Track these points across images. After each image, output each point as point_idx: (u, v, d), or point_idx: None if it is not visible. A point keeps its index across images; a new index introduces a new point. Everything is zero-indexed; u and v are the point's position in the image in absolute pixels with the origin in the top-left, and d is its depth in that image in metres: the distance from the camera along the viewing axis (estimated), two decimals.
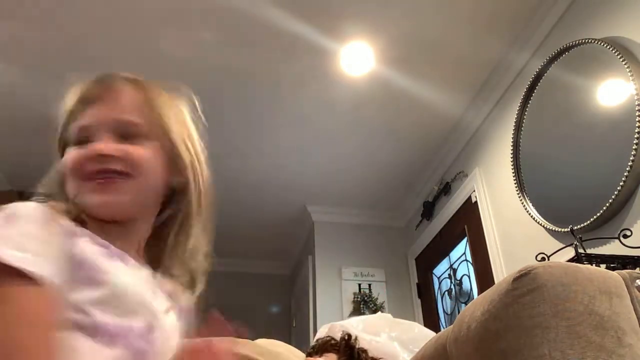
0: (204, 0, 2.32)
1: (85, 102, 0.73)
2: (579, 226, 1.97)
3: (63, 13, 2.35)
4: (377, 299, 3.60)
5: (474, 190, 2.94)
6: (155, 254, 0.76)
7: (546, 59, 2.28)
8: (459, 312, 2.79)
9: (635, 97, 1.79)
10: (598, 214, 1.89)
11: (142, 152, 0.71)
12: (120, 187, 0.69)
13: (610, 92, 2.01)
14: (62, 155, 0.74)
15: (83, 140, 0.71)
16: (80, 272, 0.59)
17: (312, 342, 1.30)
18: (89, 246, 0.62)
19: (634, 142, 1.76)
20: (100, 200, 0.68)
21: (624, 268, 1.50)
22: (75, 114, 0.74)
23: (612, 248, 1.82)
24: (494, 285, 0.72)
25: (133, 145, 0.70)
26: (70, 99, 0.76)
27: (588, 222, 1.93)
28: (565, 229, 2.02)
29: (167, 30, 2.46)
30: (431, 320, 3.39)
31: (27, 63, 2.61)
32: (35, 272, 0.53)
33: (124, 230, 0.71)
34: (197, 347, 0.66)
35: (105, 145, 0.69)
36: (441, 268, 3.46)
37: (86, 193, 0.68)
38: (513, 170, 2.45)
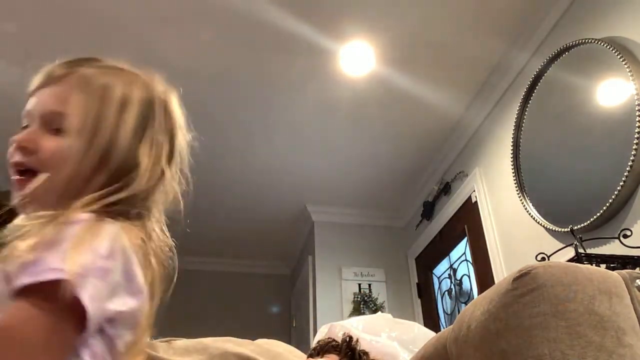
0: (202, 1, 2.32)
1: (32, 88, 0.74)
2: (579, 226, 1.97)
3: (62, 13, 2.35)
4: (377, 299, 3.60)
5: (474, 190, 2.94)
6: None
7: (546, 59, 2.28)
8: (459, 312, 2.79)
9: (635, 97, 1.79)
10: (598, 214, 1.89)
11: (55, 144, 0.67)
12: (30, 185, 0.65)
13: (610, 92, 2.01)
14: None
15: (25, 128, 0.70)
16: None
17: (312, 342, 1.30)
18: None
19: (634, 142, 1.76)
20: (18, 198, 0.66)
21: (624, 268, 1.50)
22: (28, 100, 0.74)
23: (612, 248, 1.82)
24: (494, 285, 0.72)
25: (52, 137, 0.67)
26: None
27: (588, 222, 1.93)
28: (565, 229, 2.02)
29: (166, 30, 2.46)
30: (431, 320, 3.39)
31: (26, 63, 2.60)
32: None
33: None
34: None
35: (20, 136, 0.68)
36: (441, 268, 3.46)
37: (14, 189, 0.67)
38: (513, 170, 2.45)
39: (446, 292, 3.35)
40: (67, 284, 0.52)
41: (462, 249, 3.16)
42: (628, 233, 1.74)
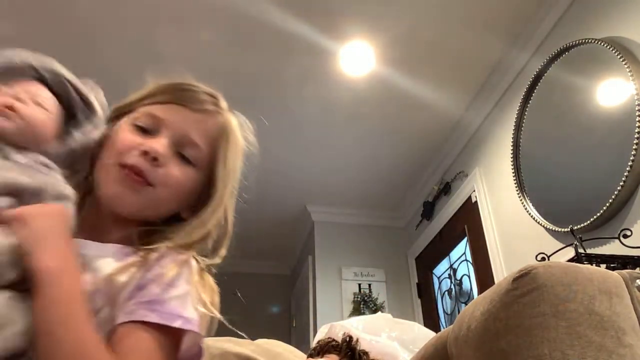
0: (202, 1, 2.32)
1: (173, 95, 0.74)
2: (579, 226, 1.97)
3: (62, 13, 2.35)
4: (377, 299, 3.60)
5: (474, 190, 2.94)
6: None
7: (546, 59, 2.28)
8: (459, 312, 2.79)
9: (635, 97, 1.79)
10: (598, 214, 1.89)
11: (181, 174, 0.71)
12: (143, 192, 0.68)
13: (610, 92, 2.01)
14: (110, 121, 0.75)
15: (144, 127, 0.71)
16: None
17: (312, 342, 1.30)
18: None
19: (634, 142, 1.76)
20: (120, 193, 0.67)
21: (624, 268, 1.50)
22: (155, 98, 0.74)
23: (612, 248, 1.82)
24: (494, 285, 0.72)
25: (179, 163, 0.71)
26: (162, 82, 0.78)
27: (588, 222, 1.93)
28: (565, 229, 2.02)
29: (166, 30, 2.46)
30: (431, 320, 3.39)
31: None
32: None
33: (112, 218, 0.69)
34: None
35: (163, 149, 0.69)
36: (441, 268, 3.46)
37: (112, 179, 0.68)
38: (513, 170, 2.45)
39: (446, 292, 3.35)
40: (195, 336, 0.62)
41: (462, 249, 3.16)
42: (628, 233, 1.74)
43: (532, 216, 2.30)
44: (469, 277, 3.07)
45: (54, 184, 0.62)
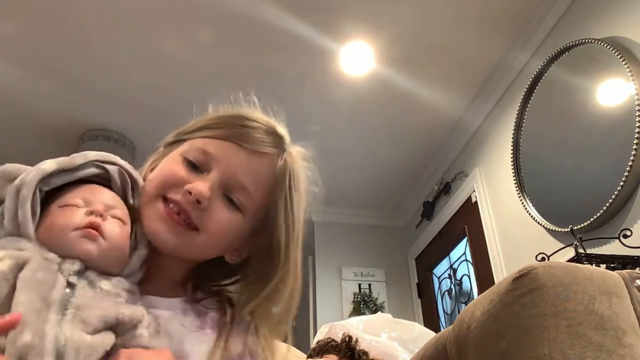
0: (202, 1, 2.32)
1: (231, 132, 0.69)
2: (579, 226, 1.97)
3: (62, 13, 2.35)
4: (377, 299, 3.60)
5: (474, 190, 2.94)
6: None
7: (546, 59, 2.28)
8: (459, 312, 2.79)
9: (635, 97, 1.79)
10: (598, 214, 1.89)
11: (228, 219, 0.67)
12: (183, 234, 0.65)
13: (610, 92, 2.01)
14: (164, 147, 0.73)
15: (194, 163, 0.67)
16: None
17: (312, 342, 1.30)
18: None
19: (634, 142, 1.76)
20: (159, 229, 0.64)
21: (624, 268, 1.50)
22: (212, 131, 0.69)
23: (612, 248, 1.82)
24: (494, 285, 0.72)
25: (226, 207, 0.67)
26: (221, 112, 0.73)
27: (588, 222, 1.93)
28: (565, 229, 2.02)
29: (166, 29, 2.46)
30: (431, 320, 3.39)
31: (26, 62, 2.61)
32: None
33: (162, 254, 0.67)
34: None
35: (207, 191, 0.65)
36: (441, 268, 3.46)
37: (153, 214, 0.65)
38: (513, 170, 2.45)
39: (446, 292, 3.35)
40: None
41: (462, 249, 3.16)
42: (628, 233, 1.74)
43: (532, 216, 2.30)
44: (469, 277, 3.07)
45: (143, 315, 0.59)
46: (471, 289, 3.03)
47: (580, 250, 1.69)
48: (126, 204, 0.65)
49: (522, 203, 2.37)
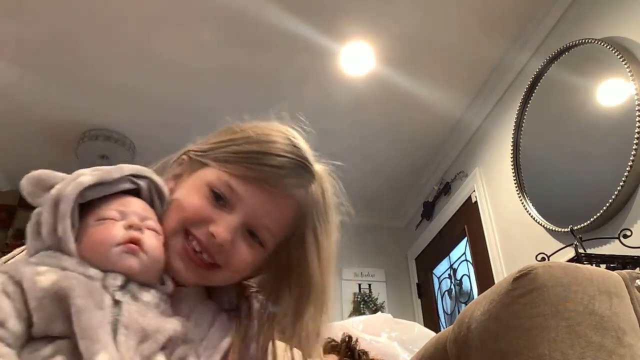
0: (202, 0, 2.32)
1: (258, 172, 0.67)
2: (579, 226, 1.96)
3: (62, 13, 2.35)
4: (377, 299, 3.60)
5: (474, 190, 2.94)
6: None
7: (546, 59, 2.27)
8: (459, 312, 2.79)
9: (635, 97, 1.79)
10: (598, 214, 1.89)
11: (249, 257, 0.68)
12: (203, 273, 0.66)
13: (610, 92, 2.01)
14: (185, 160, 0.73)
15: (219, 197, 0.67)
16: None
17: None
18: None
19: (634, 142, 1.76)
20: (179, 267, 0.65)
21: (624, 268, 1.50)
22: (239, 165, 0.68)
23: (612, 248, 1.81)
24: (494, 285, 0.71)
25: (248, 246, 0.67)
26: (247, 142, 0.72)
27: (588, 222, 1.93)
28: (565, 229, 2.02)
29: (165, 29, 2.46)
30: (431, 320, 3.39)
31: (26, 63, 2.61)
32: None
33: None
34: None
35: (230, 234, 0.65)
36: (441, 268, 3.46)
37: (174, 250, 0.65)
38: (513, 170, 2.45)
39: (446, 292, 3.35)
40: None
41: (462, 249, 3.16)
42: (628, 233, 1.74)
43: (532, 216, 2.30)
44: (469, 277, 3.07)
45: (188, 327, 0.61)
46: (471, 289, 3.03)
47: (580, 250, 1.69)
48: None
49: (522, 203, 2.37)
